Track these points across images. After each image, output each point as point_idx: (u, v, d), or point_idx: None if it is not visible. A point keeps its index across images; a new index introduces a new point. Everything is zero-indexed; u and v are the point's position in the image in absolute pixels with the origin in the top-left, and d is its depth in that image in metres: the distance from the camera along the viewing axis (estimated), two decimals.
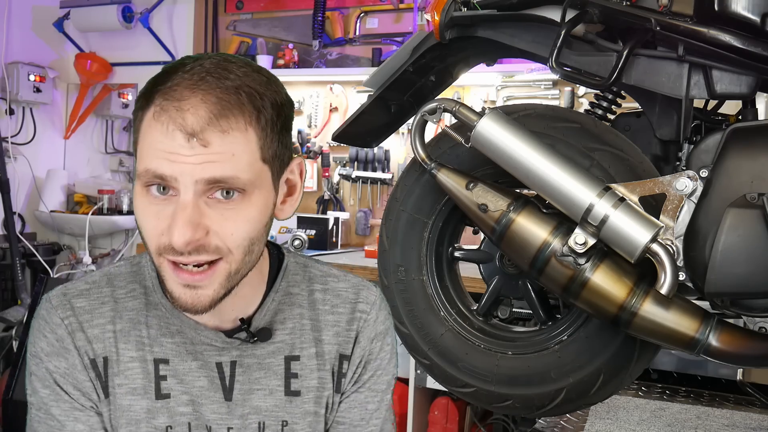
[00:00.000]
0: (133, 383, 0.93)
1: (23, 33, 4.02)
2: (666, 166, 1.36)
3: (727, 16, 1.19)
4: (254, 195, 0.84)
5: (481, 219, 1.33)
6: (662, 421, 1.82)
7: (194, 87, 0.80)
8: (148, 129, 0.82)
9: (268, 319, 0.97)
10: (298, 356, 0.98)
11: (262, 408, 0.96)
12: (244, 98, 0.82)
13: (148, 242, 0.85)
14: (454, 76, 1.62)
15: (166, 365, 0.93)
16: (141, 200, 0.84)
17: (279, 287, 0.98)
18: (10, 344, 3.14)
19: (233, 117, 0.81)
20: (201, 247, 0.81)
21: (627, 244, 1.21)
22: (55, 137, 4.22)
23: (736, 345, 1.22)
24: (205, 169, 0.80)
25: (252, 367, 0.96)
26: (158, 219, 0.82)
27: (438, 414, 2.85)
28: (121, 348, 0.93)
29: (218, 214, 0.82)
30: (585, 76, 1.33)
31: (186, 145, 0.79)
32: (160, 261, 0.84)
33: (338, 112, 3.62)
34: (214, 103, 0.80)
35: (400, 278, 1.50)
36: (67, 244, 4.13)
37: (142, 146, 0.83)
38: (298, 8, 3.72)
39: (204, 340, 0.94)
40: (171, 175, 0.80)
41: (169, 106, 0.80)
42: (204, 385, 0.94)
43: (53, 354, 0.93)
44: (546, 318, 1.49)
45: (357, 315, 1.01)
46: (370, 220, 3.58)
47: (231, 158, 0.81)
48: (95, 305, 0.94)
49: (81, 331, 0.93)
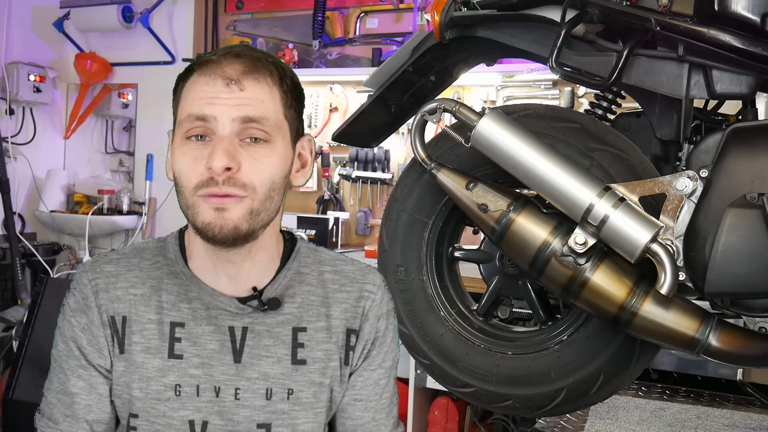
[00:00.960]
0: (149, 342, 1.02)
1: (23, 33, 4.03)
2: (666, 166, 1.36)
3: (727, 16, 1.19)
4: (277, 143, 0.98)
5: (481, 219, 1.33)
6: (662, 421, 1.82)
7: (230, 55, 0.98)
8: (191, 86, 0.98)
9: (279, 292, 1.06)
10: (305, 328, 1.06)
11: (270, 375, 1.03)
12: (271, 65, 0.99)
13: (185, 184, 0.96)
14: (454, 76, 1.62)
15: (182, 328, 1.02)
16: (180, 149, 0.97)
17: (291, 266, 1.08)
18: (10, 344, 3.14)
19: (262, 73, 0.97)
20: (233, 179, 0.94)
21: (627, 244, 1.21)
22: (55, 137, 4.22)
23: (736, 345, 1.22)
24: (240, 109, 0.95)
25: (262, 334, 1.04)
26: (196, 161, 0.95)
27: (438, 414, 2.85)
28: (141, 310, 1.03)
29: (248, 155, 0.95)
30: (585, 76, 1.33)
31: (225, 90, 0.95)
32: (195, 200, 0.96)
33: (338, 112, 3.62)
34: (248, 61, 0.97)
35: (400, 278, 1.50)
36: (67, 244, 4.13)
37: (185, 100, 0.98)
38: (298, 8, 3.72)
39: (219, 305, 1.03)
40: (211, 114, 0.95)
41: (210, 65, 0.97)
42: (215, 348, 1.02)
43: (77, 310, 1.04)
44: (546, 318, 1.49)
45: (365, 294, 1.10)
46: (370, 220, 3.58)
47: (261, 104, 0.96)
48: (122, 271, 1.05)
49: (105, 291, 1.03)
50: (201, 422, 1.01)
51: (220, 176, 0.93)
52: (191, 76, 0.99)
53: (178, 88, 1.01)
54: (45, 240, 4.07)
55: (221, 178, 0.93)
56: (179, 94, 1.00)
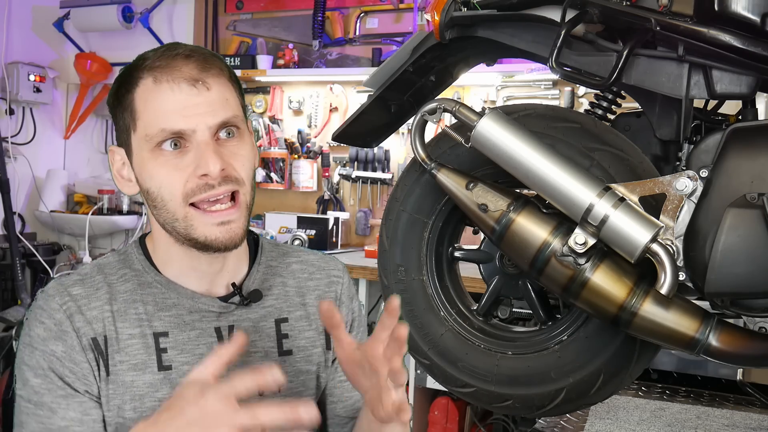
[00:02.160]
0: (134, 359, 0.97)
1: (23, 33, 4.03)
2: (666, 166, 1.36)
3: (727, 16, 1.19)
4: (245, 134, 1.00)
5: (481, 219, 1.33)
6: (662, 421, 1.82)
7: (173, 55, 0.95)
8: (150, 95, 0.94)
9: (256, 285, 1.07)
10: (286, 318, 1.08)
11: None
12: (214, 58, 0.98)
13: (170, 196, 0.94)
14: (454, 76, 1.62)
15: (166, 338, 0.99)
16: (154, 162, 0.94)
17: (261, 260, 1.10)
18: (10, 344, 3.14)
19: (217, 67, 0.97)
20: (228, 177, 0.95)
21: (627, 244, 1.21)
22: (55, 137, 4.22)
23: (736, 345, 1.22)
24: (216, 116, 0.94)
25: (248, 330, 1.03)
26: (178, 169, 0.94)
27: (438, 414, 2.85)
28: (119, 326, 0.98)
29: (228, 151, 0.96)
30: (585, 76, 1.33)
31: (193, 93, 0.93)
32: (187, 211, 0.94)
33: (338, 112, 3.62)
34: (200, 58, 0.95)
35: (400, 278, 1.50)
36: (67, 244, 4.13)
37: (148, 112, 0.94)
38: (298, 8, 3.72)
39: (202, 307, 1.01)
40: (188, 128, 0.93)
41: (165, 69, 0.94)
42: (204, 353, 0.98)
43: (50, 338, 0.96)
44: (546, 318, 1.49)
45: (333, 279, 1.15)
46: (370, 220, 3.58)
47: (227, 102, 0.97)
48: (91, 291, 0.99)
49: (80, 314, 0.97)
50: None
51: (216, 179, 0.93)
52: (140, 81, 0.95)
53: (124, 99, 0.97)
54: (45, 240, 4.07)
55: (217, 181, 0.94)
56: (132, 104, 0.96)
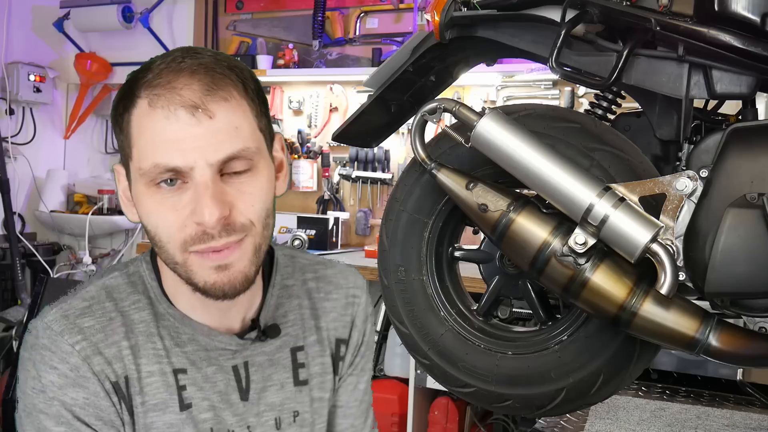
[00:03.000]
0: (154, 399, 0.89)
1: (23, 33, 4.02)
2: (666, 166, 1.36)
3: (727, 16, 1.19)
4: (260, 165, 0.84)
5: (481, 219, 1.33)
6: (662, 421, 1.82)
7: (178, 70, 0.80)
8: (144, 121, 0.80)
9: (271, 314, 0.98)
10: (302, 346, 1.00)
11: (276, 403, 0.97)
12: (227, 70, 0.82)
13: (167, 241, 0.82)
14: (454, 76, 1.62)
15: (185, 375, 0.90)
16: (150, 199, 0.82)
17: (275, 281, 0.99)
18: (10, 344, 3.14)
19: (225, 86, 0.81)
20: (229, 225, 0.81)
21: (627, 244, 1.21)
22: (55, 137, 4.22)
23: (736, 345, 1.22)
24: (217, 150, 0.79)
25: (264, 364, 0.96)
26: (176, 211, 0.81)
27: (438, 414, 2.85)
28: (139, 363, 0.88)
29: (235, 190, 0.82)
30: (585, 76, 1.33)
31: (192, 122, 0.78)
32: (185, 257, 0.82)
33: (338, 112, 3.62)
34: (206, 77, 0.80)
35: (400, 278, 1.50)
36: (67, 244, 4.13)
37: (142, 142, 0.81)
38: (298, 8, 3.72)
39: (218, 345, 0.92)
40: (185, 165, 0.79)
41: (162, 91, 0.79)
42: (222, 390, 0.93)
43: (68, 386, 0.84)
44: (546, 318, 1.49)
45: (351, 300, 1.05)
46: (370, 220, 3.58)
47: (236, 131, 0.81)
48: (104, 322, 0.87)
49: (98, 354, 0.86)
50: None
51: (215, 228, 0.80)
52: (137, 102, 0.81)
53: (122, 120, 0.83)
54: (45, 240, 4.07)
55: (216, 230, 0.80)
56: (127, 127, 0.82)
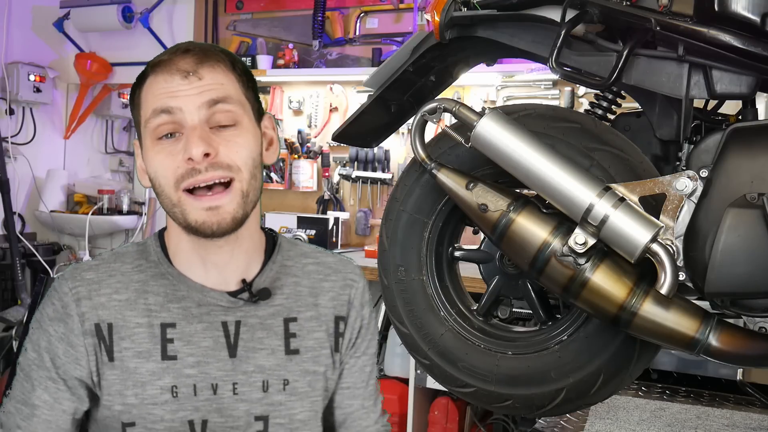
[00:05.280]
0: (139, 347, 1.00)
1: (23, 33, 4.03)
2: (666, 166, 1.36)
3: (727, 16, 1.19)
4: (245, 123, 1.00)
5: (481, 219, 1.33)
6: (662, 421, 1.82)
7: (179, 52, 0.99)
8: (149, 87, 0.99)
9: (267, 283, 1.07)
10: (295, 318, 1.08)
11: (266, 367, 1.04)
12: (220, 54, 1.01)
13: (165, 183, 0.96)
14: (454, 76, 1.62)
15: (173, 329, 1.01)
16: (153, 150, 0.97)
17: (276, 259, 1.10)
18: (10, 344, 3.14)
19: (216, 61, 0.99)
20: (215, 163, 0.95)
21: (627, 244, 1.21)
22: (55, 137, 4.22)
23: (736, 345, 1.22)
24: (203, 95, 0.96)
25: (255, 326, 1.05)
26: (172, 156, 0.96)
27: (438, 414, 2.85)
28: (127, 315, 1.01)
29: (222, 139, 0.97)
30: (585, 76, 1.33)
31: (185, 82, 0.96)
32: (179, 196, 0.96)
33: (338, 112, 3.62)
34: (199, 53, 0.99)
35: (400, 278, 1.50)
36: (67, 244, 4.13)
37: (146, 101, 0.98)
38: (298, 8, 3.72)
39: (210, 300, 1.03)
40: (176, 105, 0.95)
41: (163, 64, 0.98)
42: (209, 345, 1.02)
43: (55, 319, 1.01)
44: (546, 318, 1.49)
45: (348, 282, 1.14)
46: (370, 220, 3.58)
47: (221, 86, 0.98)
48: (103, 277, 1.03)
49: (88, 299, 1.01)
50: (200, 421, 1.00)
51: (201, 164, 0.94)
52: (146, 80, 1.00)
53: (135, 95, 1.02)
54: (45, 240, 4.07)
55: (203, 166, 0.94)
56: (138, 99, 1.01)
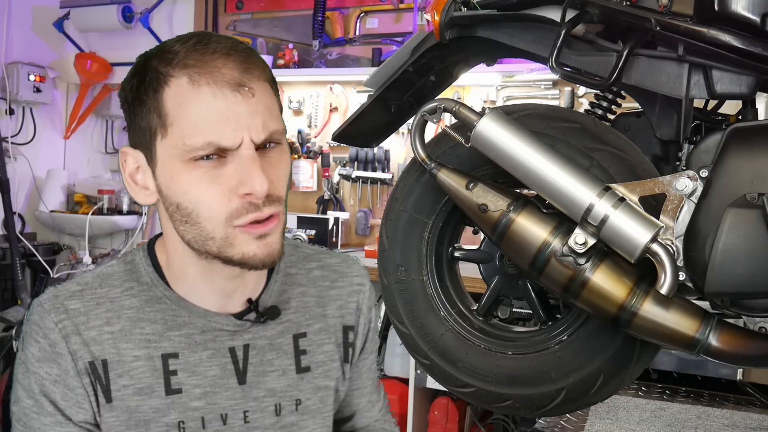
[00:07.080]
0: (139, 383, 0.90)
1: (23, 33, 4.03)
2: (666, 166, 1.36)
3: (727, 16, 1.19)
4: (284, 143, 0.89)
5: (481, 219, 1.33)
6: (662, 421, 1.82)
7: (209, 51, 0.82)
8: (188, 99, 0.81)
9: (273, 299, 0.99)
10: (304, 333, 1.00)
11: (277, 389, 0.97)
12: (254, 56, 0.86)
13: (209, 216, 0.83)
14: (454, 76, 1.62)
15: (176, 359, 0.91)
16: (189, 175, 0.83)
17: (279, 269, 1.01)
18: (10, 344, 3.14)
19: (257, 67, 0.85)
20: (271, 197, 0.84)
21: (627, 244, 1.21)
22: (55, 137, 4.22)
23: (736, 345, 1.22)
24: (265, 128, 0.83)
25: (264, 348, 0.97)
26: (217, 184, 0.83)
27: (438, 414, 2.85)
28: (122, 348, 0.90)
29: (269, 165, 0.85)
30: (585, 76, 1.33)
31: (238, 99, 0.81)
32: (230, 232, 0.84)
33: (338, 112, 3.62)
34: (237, 56, 0.83)
35: (400, 278, 1.50)
36: (67, 244, 4.13)
37: (184, 120, 0.81)
38: (298, 8, 3.72)
39: (215, 326, 0.94)
40: (233, 144, 0.81)
41: (201, 70, 0.81)
42: (216, 374, 0.93)
43: (44, 360, 0.89)
44: (546, 318, 1.49)
45: (356, 288, 1.07)
46: (370, 220, 3.58)
47: (270, 113, 0.85)
48: (90, 306, 0.91)
49: (77, 334, 0.89)
50: None
51: (261, 199, 0.83)
52: (170, 80, 0.82)
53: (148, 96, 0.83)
54: (45, 240, 4.07)
55: (261, 201, 0.84)
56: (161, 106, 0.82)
